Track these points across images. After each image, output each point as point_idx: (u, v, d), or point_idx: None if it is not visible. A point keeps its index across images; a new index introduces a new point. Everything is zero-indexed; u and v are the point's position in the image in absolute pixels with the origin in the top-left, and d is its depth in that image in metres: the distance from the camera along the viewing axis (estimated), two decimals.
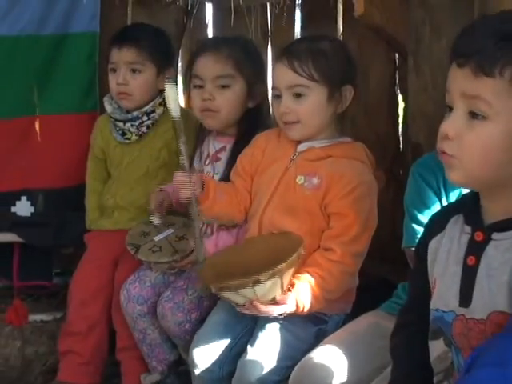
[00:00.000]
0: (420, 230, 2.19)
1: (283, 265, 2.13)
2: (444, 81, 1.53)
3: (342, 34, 3.31)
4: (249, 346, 2.31)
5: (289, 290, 2.20)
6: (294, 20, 3.44)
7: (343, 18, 3.28)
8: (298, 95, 2.33)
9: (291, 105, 2.34)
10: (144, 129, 3.01)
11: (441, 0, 2.68)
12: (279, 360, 2.28)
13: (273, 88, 2.40)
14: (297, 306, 2.22)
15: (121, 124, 3.03)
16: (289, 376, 2.25)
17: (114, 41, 3.00)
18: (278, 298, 2.17)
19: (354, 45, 3.25)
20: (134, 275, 2.72)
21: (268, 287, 2.13)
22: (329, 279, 2.26)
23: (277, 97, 2.37)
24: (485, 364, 1.29)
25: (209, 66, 2.66)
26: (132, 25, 3.27)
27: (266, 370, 2.25)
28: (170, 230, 2.75)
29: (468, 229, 1.58)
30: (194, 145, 2.82)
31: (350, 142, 2.42)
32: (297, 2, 3.42)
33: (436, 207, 2.19)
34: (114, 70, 2.99)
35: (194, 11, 3.27)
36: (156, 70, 2.99)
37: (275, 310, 2.20)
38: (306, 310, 2.24)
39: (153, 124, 3.02)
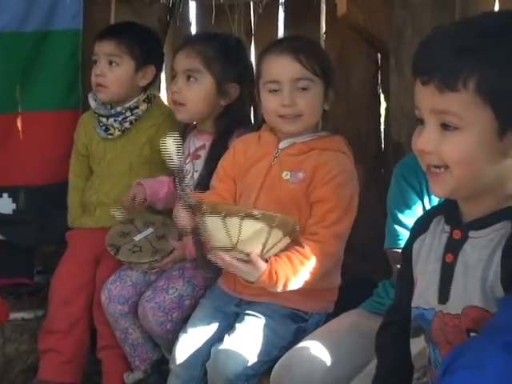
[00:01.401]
0: (402, 231, 2.21)
1: (279, 215, 2.14)
2: None
3: (325, 33, 3.31)
4: (226, 336, 2.32)
5: (266, 261, 2.17)
6: (278, 19, 3.44)
7: (326, 18, 3.29)
8: (303, 88, 2.35)
9: (294, 97, 2.35)
10: (127, 124, 3.00)
11: (423, 1, 2.69)
12: (255, 354, 2.28)
13: (268, 82, 2.38)
14: (270, 275, 2.16)
15: (104, 119, 3.02)
16: (263, 371, 2.26)
17: (98, 35, 3.02)
18: (252, 254, 2.13)
19: (336, 45, 3.26)
20: (115, 275, 2.72)
21: (253, 232, 2.11)
22: (309, 257, 2.25)
23: (274, 91, 2.37)
24: (463, 366, 1.30)
25: (181, 60, 2.74)
26: (121, 22, 3.26)
27: (240, 363, 2.25)
28: (150, 230, 2.75)
29: (447, 228, 1.61)
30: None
31: (329, 135, 2.46)
32: (280, 1, 3.41)
33: (418, 209, 2.21)
34: (95, 63, 3.01)
35: (177, 9, 3.26)
36: (134, 66, 2.99)
37: (243, 268, 2.15)
38: (280, 283, 2.20)
39: (136, 120, 3.01)
